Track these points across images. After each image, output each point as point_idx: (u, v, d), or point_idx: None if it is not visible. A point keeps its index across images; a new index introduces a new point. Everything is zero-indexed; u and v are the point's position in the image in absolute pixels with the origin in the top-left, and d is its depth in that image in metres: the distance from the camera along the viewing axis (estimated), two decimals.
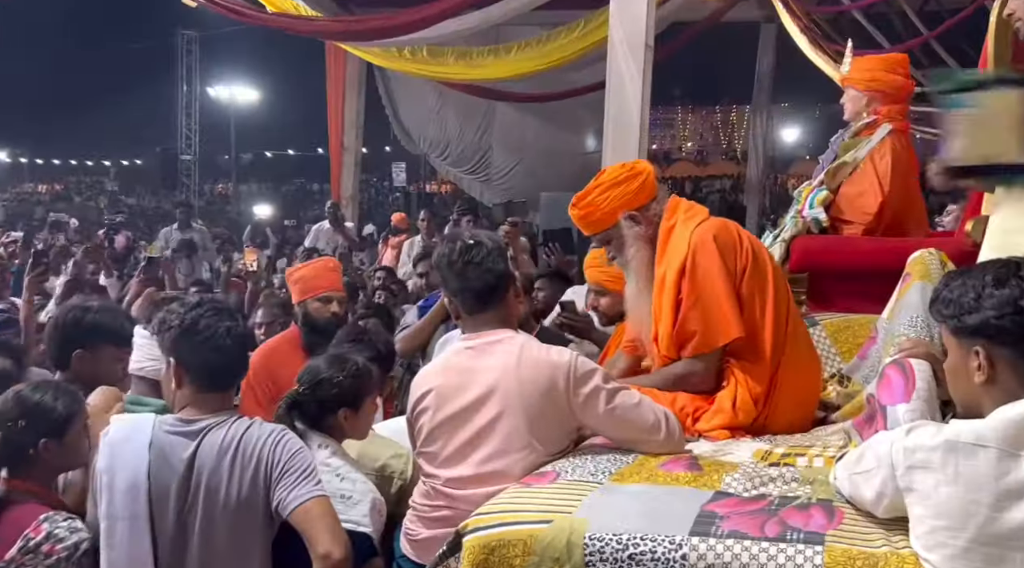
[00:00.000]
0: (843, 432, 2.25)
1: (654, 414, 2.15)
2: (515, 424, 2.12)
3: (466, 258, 2.21)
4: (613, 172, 2.52)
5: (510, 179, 12.79)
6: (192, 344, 2.09)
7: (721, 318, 2.35)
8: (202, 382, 2.12)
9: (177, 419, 2.12)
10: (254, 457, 2.06)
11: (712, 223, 2.45)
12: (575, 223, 2.59)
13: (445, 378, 2.23)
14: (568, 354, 2.16)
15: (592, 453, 2.15)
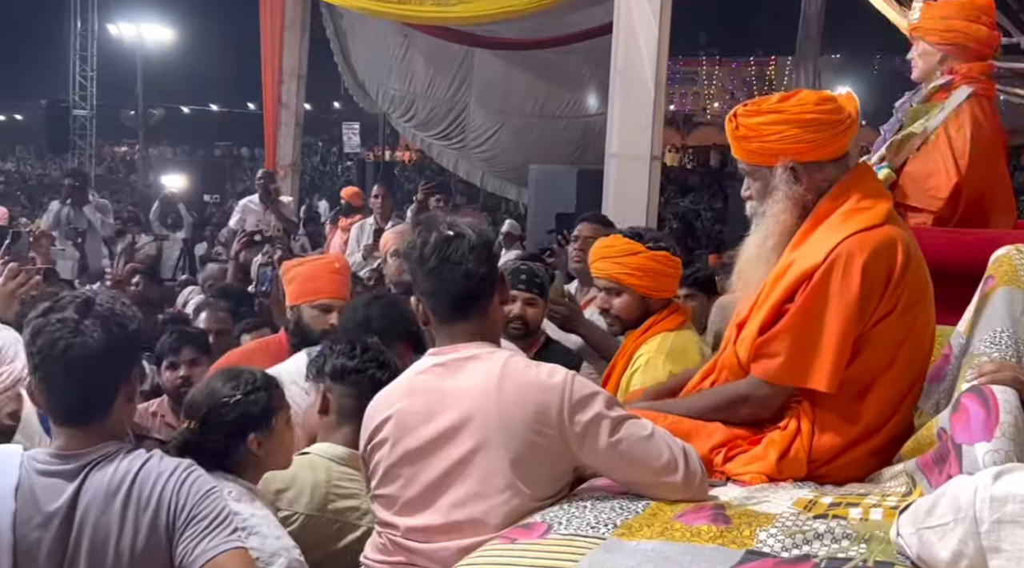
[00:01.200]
0: (905, 475, 2.25)
1: (669, 450, 2.15)
2: (495, 461, 2.10)
3: (443, 253, 2.18)
4: (806, 103, 2.41)
5: (491, 146, 12.79)
6: (33, 363, 2.05)
7: (814, 361, 2.32)
8: (56, 413, 2.08)
9: (51, 455, 2.06)
10: (152, 501, 2.02)
11: (875, 237, 2.33)
12: (728, 136, 2.51)
13: (408, 402, 2.22)
14: (562, 373, 2.15)
15: (592, 499, 2.14)
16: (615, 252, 3.34)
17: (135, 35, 23.92)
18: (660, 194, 6.76)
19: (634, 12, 6.46)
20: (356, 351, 2.76)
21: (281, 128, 12.72)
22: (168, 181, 14.49)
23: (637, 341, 3.30)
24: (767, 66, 32.55)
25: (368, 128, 22.94)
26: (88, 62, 20.87)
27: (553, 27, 11.00)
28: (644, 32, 6.41)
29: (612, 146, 6.53)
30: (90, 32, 20.94)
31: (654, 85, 6.31)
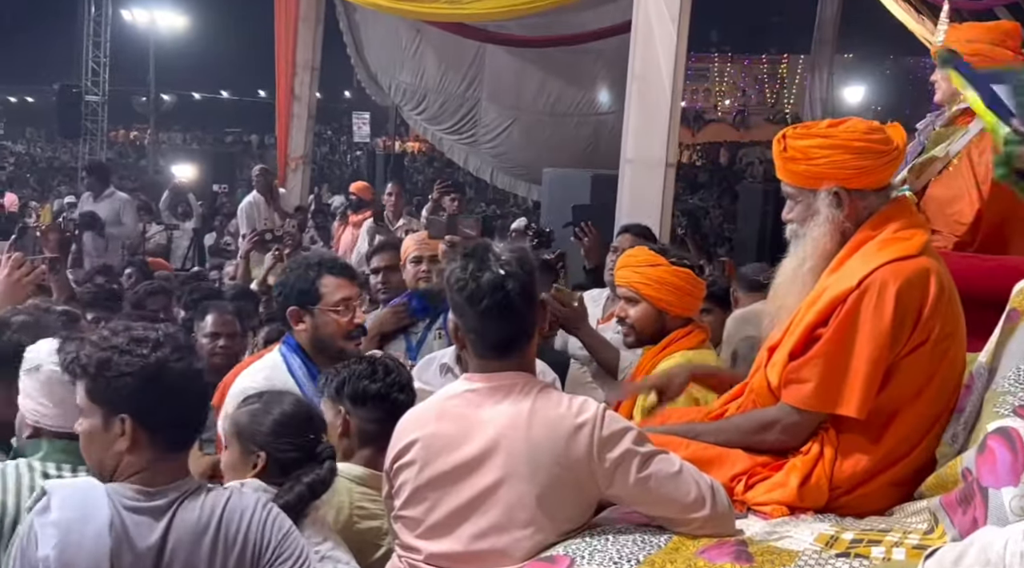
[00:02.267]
0: (928, 512, 2.24)
1: (697, 487, 2.14)
2: (520, 495, 2.10)
3: (496, 298, 2.13)
4: (855, 130, 2.42)
5: (502, 143, 12.75)
6: (160, 399, 2.03)
7: (844, 387, 2.32)
8: (165, 443, 2.07)
9: (136, 491, 2.03)
10: (239, 539, 2.05)
11: (910, 267, 2.34)
12: (774, 157, 2.52)
13: (438, 427, 2.20)
14: (592, 408, 2.13)
15: (614, 532, 2.14)
16: (636, 262, 3.37)
17: (148, 21, 23.90)
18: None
19: (652, 17, 6.42)
20: (378, 374, 2.73)
21: (293, 120, 12.70)
22: (178, 171, 14.47)
23: (655, 359, 3.29)
24: (779, 64, 32.44)
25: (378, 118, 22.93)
26: (101, 48, 20.83)
27: (566, 25, 10.97)
28: (662, 37, 6.37)
29: (627, 151, 6.49)
30: (104, 17, 20.89)
31: (671, 91, 6.27)
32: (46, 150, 36.41)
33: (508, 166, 13.09)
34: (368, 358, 2.85)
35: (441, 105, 13.02)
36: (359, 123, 19.80)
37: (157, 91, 25.33)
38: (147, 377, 2.01)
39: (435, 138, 13.80)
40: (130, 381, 2.01)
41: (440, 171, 23.51)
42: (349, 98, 30.99)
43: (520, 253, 2.23)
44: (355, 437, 2.72)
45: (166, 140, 32.86)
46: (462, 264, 2.18)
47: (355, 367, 2.75)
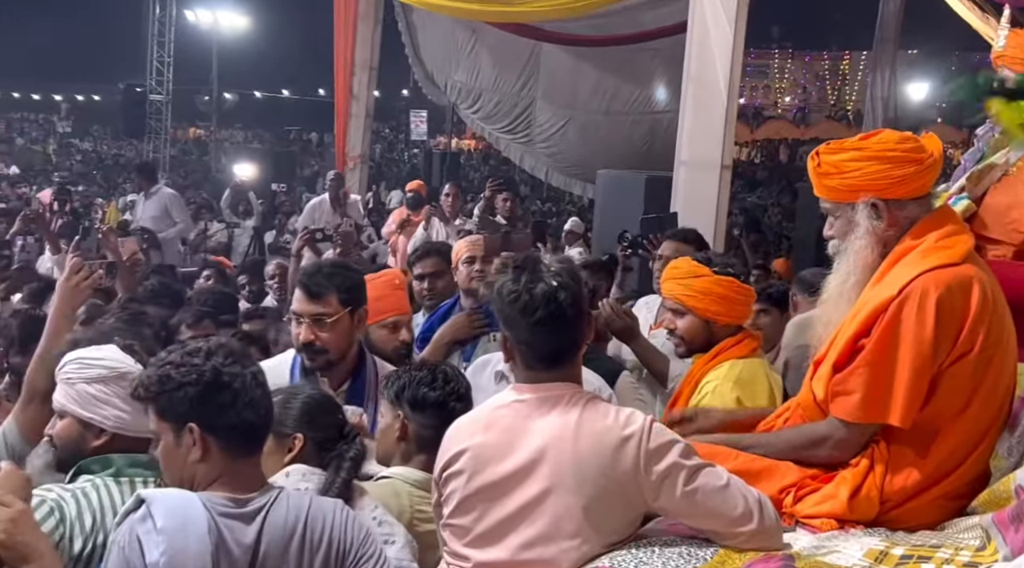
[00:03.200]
0: (980, 529, 2.22)
1: (744, 501, 2.14)
2: (567, 506, 2.12)
3: (549, 309, 2.15)
4: (887, 141, 2.43)
5: (557, 142, 12.74)
6: (222, 403, 2.10)
7: (889, 396, 2.30)
8: (236, 449, 2.13)
9: (227, 498, 2.10)
10: (323, 541, 2.13)
11: (951, 275, 2.32)
12: (810, 174, 2.53)
13: (486, 437, 2.23)
14: (640, 420, 2.14)
15: (660, 544, 2.15)
16: (680, 273, 3.34)
17: (211, 21, 24.31)
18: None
19: (708, 18, 6.38)
20: (438, 381, 2.76)
21: (351, 119, 12.85)
22: (239, 170, 14.70)
23: (705, 367, 3.28)
24: (841, 60, 31.92)
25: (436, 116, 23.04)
26: (165, 47, 21.25)
27: (623, 24, 10.91)
28: (718, 39, 6.33)
29: (682, 154, 6.46)
30: (168, 18, 21.32)
31: (727, 93, 6.23)
32: (112, 148, 37.24)
33: (563, 165, 13.07)
34: (429, 365, 2.88)
35: (496, 104, 13.04)
36: (416, 121, 19.97)
37: (219, 90, 25.78)
38: (205, 384, 2.08)
39: (491, 137, 13.86)
40: (190, 390, 2.08)
41: (496, 169, 23.59)
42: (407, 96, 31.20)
43: (569, 264, 2.26)
44: (412, 442, 2.76)
45: (228, 138, 33.41)
46: (514, 276, 2.19)
47: (416, 374, 2.79)
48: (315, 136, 35.70)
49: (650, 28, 10.73)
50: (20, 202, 13.97)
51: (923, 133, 2.56)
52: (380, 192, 17.82)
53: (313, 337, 3.06)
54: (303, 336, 3.06)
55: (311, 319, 3.07)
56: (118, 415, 2.44)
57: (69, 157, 34.02)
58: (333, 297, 3.07)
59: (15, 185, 17.84)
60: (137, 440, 2.41)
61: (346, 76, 12.77)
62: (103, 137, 40.39)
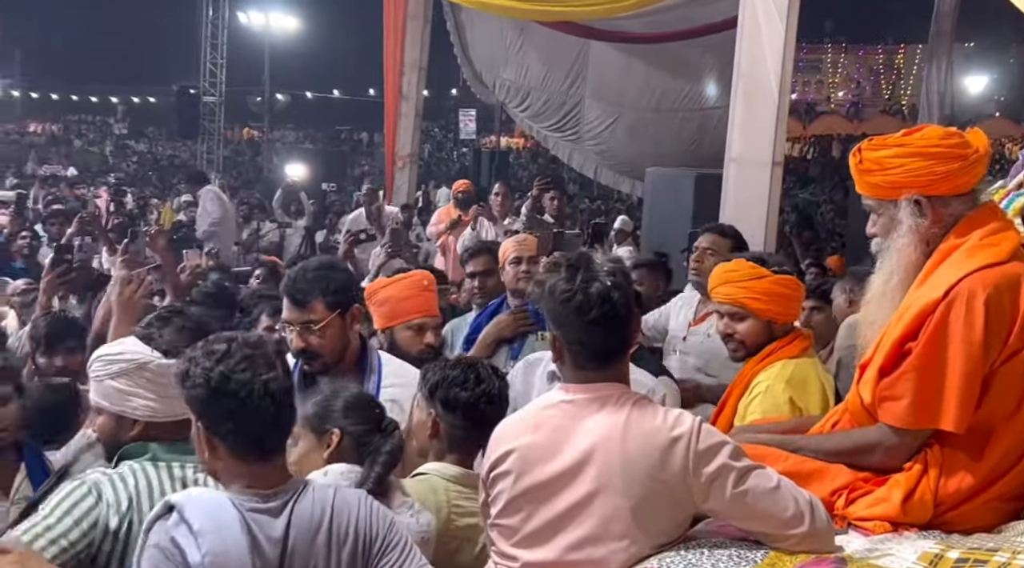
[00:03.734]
0: None
1: (795, 503, 2.12)
2: (615, 507, 2.11)
3: (604, 309, 2.14)
4: (930, 137, 2.39)
5: (606, 140, 12.68)
6: (226, 409, 2.10)
7: (940, 401, 2.26)
8: (243, 454, 2.14)
9: (252, 494, 2.12)
10: (350, 532, 2.16)
11: (999, 274, 2.28)
12: (852, 171, 2.50)
13: (533, 437, 2.22)
14: (688, 421, 2.13)
15: (710, 546, 2.13)
16: (739, 276, 3.28)
17: (263, 23, 24.62)
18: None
19: (759, 13, 6.29)
20: (469, 382, 2.76)
21: (401, 119, 12.90)
22: (290, 170, 14.89)
23: (756, 367, 3.25)
24: (896, 54, 31.39)
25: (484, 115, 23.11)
26: (218, 50, 21.57)
27: (674, 21, 10.82)
28: (769, 34, 6.24)
29: (732, 150, 6.38)
30: (221, 20, 21.64)
31: (778, 89, 6.14)
32: (166, 149, 37.91)
33: (612, 163, 13.01)
34: (464, 364, 2.87)
35: (544, 102, 13.02)
36: (465, 120, 20.04)
37: (271, 91, 26.09)
38: (211, 389, 2.08)
39: (539, 135, 13.83)
40: (200, 391, 2.10)
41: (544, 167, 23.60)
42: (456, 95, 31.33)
43: (620, 264, 2.26)
44: (444, 440, 2.78)
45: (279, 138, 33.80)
46: (567, 275, 2.18)
47: (450, 372, 2.79)
48: (365, 136, 36.00)
49: (700, 24, 10.61)
50: (77, 203, 14.27)
51: (968, 129, 2.51)
52: (429, 191, 17.92)
53: (304, 344, 3.05)
54: (295, 343, 3.07)
55: (300, 326, 3.06)
56: (145, 405, 2.48)
57: (125, 158, 34.70)
58: (319, 303, 3.05)
59: (73, 186, 18.22)
60: (176, 424, 2.45)
61: (396, 76, 12.84)
62: (158, 138, 41.13)
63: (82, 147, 38.24)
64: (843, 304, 4.51)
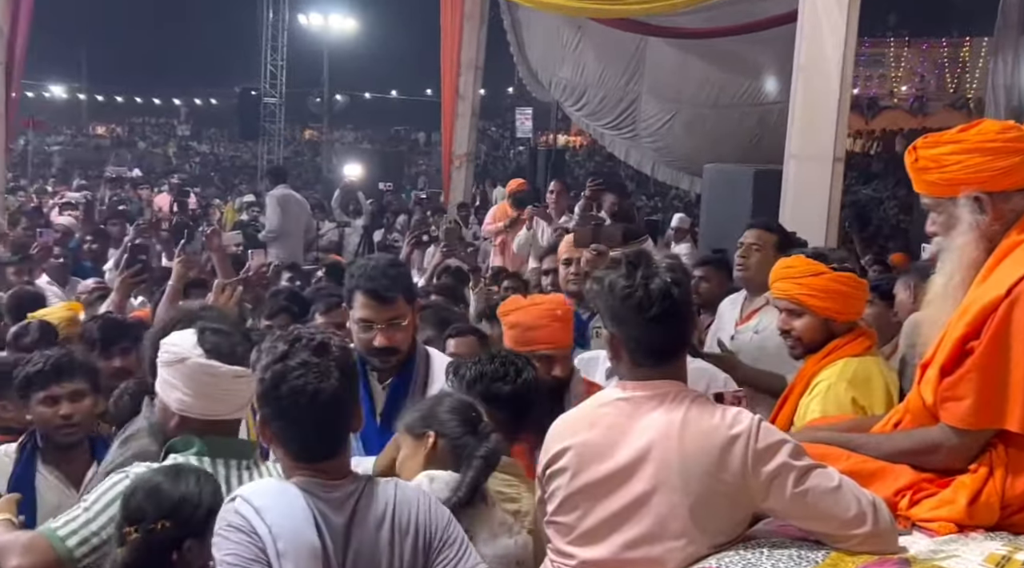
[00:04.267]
0: None
1: (858, 503, 2.09)
2: (672, 505, 2.10)
3: (664, 305, 2.13)
4: (987, 132, 2.36)
5: (663, 137, 12.61)
6: (277, 409, 2.12)
7: (1004, 401, 2.21)
8: (295, 455, 2.17)
9: (316, 484, 2.14)
10: (411, 527, 2.18)
11: None
12: (908, 170, 2.47)
13: (589, 435, 2.22)
14: (747, 420, 2.11)
15: (769, 545, 2.11)
16: (797, 273, 3.23)
17: (321, 25, 24.90)
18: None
19: (819, 7, 6.23)
20: (509, 375, 2.80)
21: (458, 118, 13.00)
22: (348, 170, 15.05)
23: (817, 365, 3.20)
24: (961, 47, 30.63)
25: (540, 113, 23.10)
26: (279, 51, 21.89)
27: (732, 16, 10.72)
28: (830, 27, 6.17)
29: (792, 146, 6.32)
30: (281, 22, 21.95)
31: (839, 83, 6.07)
32: (228, 150, 38.54)
33: (669, 160, 12.93)
34: (500, 358, 2.89)
35: (601, 100, 12.98)
36: (522, 119, 20.05)
37: (330, 92, 26.38)
38: (266, 385, 2.12)
39: (595, 133, 13.81)
40: (258, 385, 2.15)
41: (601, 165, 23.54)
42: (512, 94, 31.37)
43: (678, 261, 2.28)
44: None
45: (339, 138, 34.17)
46: (627, 272, 2.18)
47: (487, 367, 2.82)
48: (422, 135, 36.24)
49: (759, 18, 10.51)
50: (141, 203, 14.58)
51: None
52: (486, 189, 17.97)
53: (388, 341, 3.03)
54: (379, 341, 3.02)
55: (386, 324, 3.03)
56: (180, 398, 2.51)
57: (188, 159, 35.36)
58: (401, 299, 3.06)
59: (137, 187, 18.61)
60: (210, 423, 2.50)
61: (452, 76, 12.93)
62: (220, 139, 41.84)
63: (146, 149, 39.03)
64: (907, 300, 4.42)
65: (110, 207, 12.74)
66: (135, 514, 2.24)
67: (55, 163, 29.28)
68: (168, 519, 2.22)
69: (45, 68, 36.23)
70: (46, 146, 34.80)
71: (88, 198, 13.05)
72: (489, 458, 2.48)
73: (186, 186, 17.38)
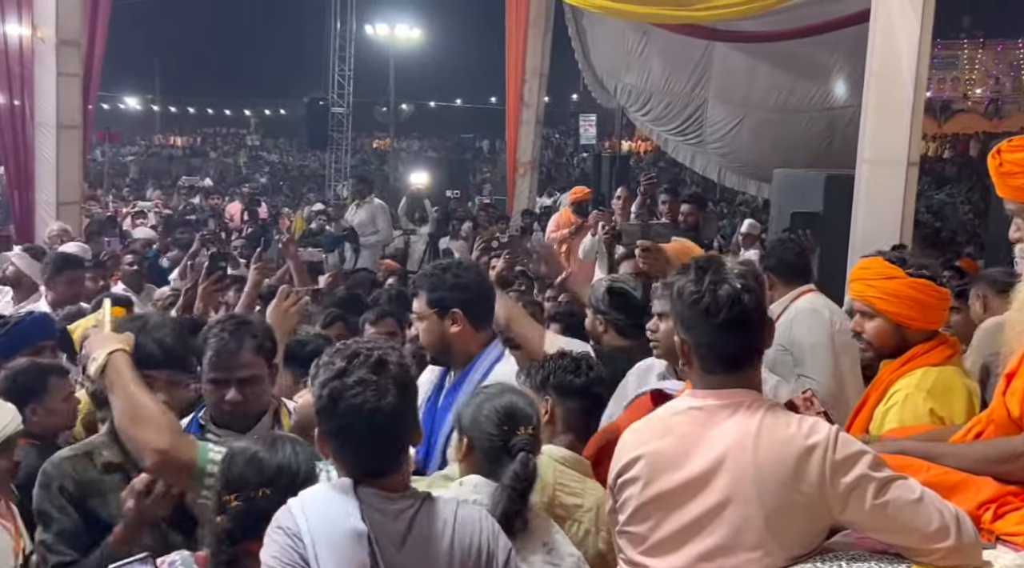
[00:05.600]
0: None
1: (940, 516, 2.02)
2: (748, 516, 2.06)
3: (734, 312, 2.09)
4: None
5: (730, 142, 12.49)
6: (331, 421, 2.11)
7: None
8: (351, 471, 2.16)
9: (375, 494, 2.13)
10: (473, 546, 2.16)
11: None
12: (992, 174, 2.42)
13: (662, 444, 2.18)
14: (824, 429, 2.06)
15: (847, 558, 2.06)
16: (871, 275, 3.13)
17: (388, 35, 25.17)
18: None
19: (893, 8, 6.09)
20: (581, 369, 2.96)
21: (522, 126, 13.05)
22: (414, 178, 15.18)
23: (895, 374, 3.09)
24: None
25: (604, 120, 23.04)
26: (346, 62, 22.17)
27: (801, 18, 10.57)
28: (904, 30, 6.04)
29: (864, 150, 6.18)
30: (348, 33, 22.23)
31: (913, 86, 5.93)
32: (297, 159, 39.15)
33: (736, 165, 12.79)
34: (570, 355, 3.04)
35: (667, 105, 12.90)
36: (585, 125, 20.04)
37: (396, 101, 26.63)
38: (323, 404, 2.12)
39: (660, 139, 13.71)
40: (316, 402, 2.15)
41: (666, 170, 23.37)
42: (576, 101, 31.38)
43: (751, 267, 2.21)
44: (559, 423, 2.93)
45: (405, 147, 34.49)
46: (695, 277, 2.15)
47: (559, 362, 3.00)
48: (487, 143, 36.40)
49: (827, 19, 10.35)
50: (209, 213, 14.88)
51: None
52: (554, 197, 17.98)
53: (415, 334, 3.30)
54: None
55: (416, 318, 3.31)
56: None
57: (258, 169, 35.99)
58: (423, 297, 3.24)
59: (209, 196, 19.00)
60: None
61: (517, 83, 12.98)
62: (289, 149, 42.53)
63: (218, 158, 39.85)
64: (979, 310, 4.32)
65: (181, 216, 13.03)
66: (237, 482, 2.27)
67: (130, 173, 30.07)
68: (268, 487, 2.25)
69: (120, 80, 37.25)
70: (121, 157, 35.74)
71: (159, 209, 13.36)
72: (516, 487, 2.42)
73: (256, 195, 17.69)
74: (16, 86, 9.02)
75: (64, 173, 9.01)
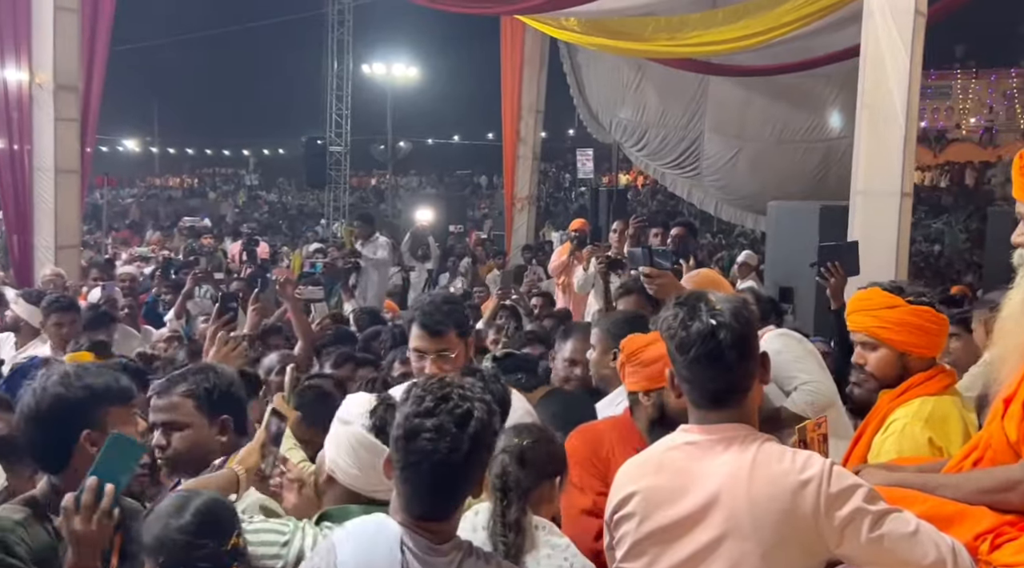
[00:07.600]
0: None
1: (936, 549, 2.03)
2: (744, 552, 2.06)
3: (705, 348, 2.10)
4: None
5: (727, 174, 12.57)
6: (400, 458, 2.09)
7: None
8: (412, 508, 2.12)
9: (420, 539, 2.09)
10: None
11: None
12: (1014, 174, 2.38)
13: (656, 479, 2.19)
14: (818, 464, 2.07)
15: None
16: (872, 305, 3.12)
17: (385, 74, 25.37)
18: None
19: (882, 42, 6.15)
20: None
21: (519, 161, 13.13)
22: (418, 215, 15.23)
23: (892, 403, 3.08)
24: None
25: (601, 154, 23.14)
26: (343, 101, 22.31)
27: (794, 52, 10.69)
28: (894, 62, 6.09)
29: (858, 182, 6.22)
30: (345, 72, 22.38)
31: (904, 118, 5.98)
32: (296, 198, 39.26)
33: (733, 198, 12.86)
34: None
35: (662, 140, 13.00)
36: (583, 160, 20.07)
37: (394, 139, 26.79)
38: (399, 435, 2.09)
39: (656, 173, 13.80)
40: (395, 429, 2.12)
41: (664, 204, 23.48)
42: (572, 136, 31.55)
43: (737, 303, 2.20)
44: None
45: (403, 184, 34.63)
46: (674, 312, 2.17)
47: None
48: (484, 179, 36.57)
49: (821, 54, 10.46)
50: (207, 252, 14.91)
51: None
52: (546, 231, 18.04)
53: (437, 371, 3.13)
54: (428, 369, 3.16)
55: (436, 354, 3.21)
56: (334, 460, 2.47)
57: (257, 208, 36.09)
58: (452, 333, 3.24)
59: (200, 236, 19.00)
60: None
61: (513, 120, 13.09)
62: (287, 188, 42.68)
63: (217, 198, 39.98)
64: (982, 334, 4.31)
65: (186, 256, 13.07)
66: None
67: (130, 215, 30.15)
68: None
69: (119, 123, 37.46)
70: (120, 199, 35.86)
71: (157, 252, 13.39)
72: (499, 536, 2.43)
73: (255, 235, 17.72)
74: (15, 131, 9.08)
75: (62, 217, 9.05)
